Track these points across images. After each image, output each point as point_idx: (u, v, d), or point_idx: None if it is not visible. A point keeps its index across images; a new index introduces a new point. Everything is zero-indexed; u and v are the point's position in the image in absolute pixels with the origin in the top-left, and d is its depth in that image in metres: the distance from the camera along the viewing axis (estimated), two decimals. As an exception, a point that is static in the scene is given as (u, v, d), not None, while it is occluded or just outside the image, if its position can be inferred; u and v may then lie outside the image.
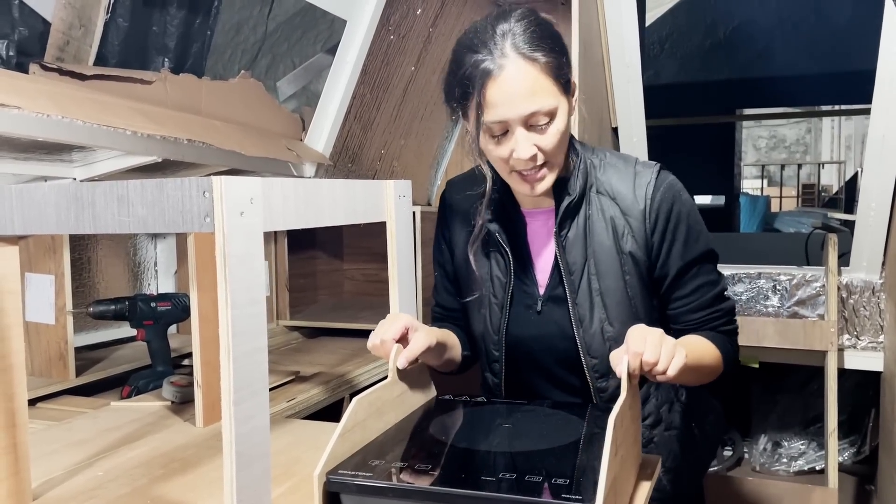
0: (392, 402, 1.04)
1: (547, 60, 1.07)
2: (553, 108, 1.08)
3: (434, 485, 0.82)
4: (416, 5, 2.23)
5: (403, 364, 1.05)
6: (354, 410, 0.93)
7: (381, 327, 1.09)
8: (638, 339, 0.95)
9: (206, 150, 1.59)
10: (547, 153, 1.10)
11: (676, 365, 0.95)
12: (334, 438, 0.88)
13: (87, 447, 1.19)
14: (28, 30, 1.45)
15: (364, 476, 0.84)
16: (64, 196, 0.85)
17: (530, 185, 1.13)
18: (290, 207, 0.89)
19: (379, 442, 0.96)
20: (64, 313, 1.57)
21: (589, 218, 1.19)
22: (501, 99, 1.06)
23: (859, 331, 2.14)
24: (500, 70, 1.05)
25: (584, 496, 0.75)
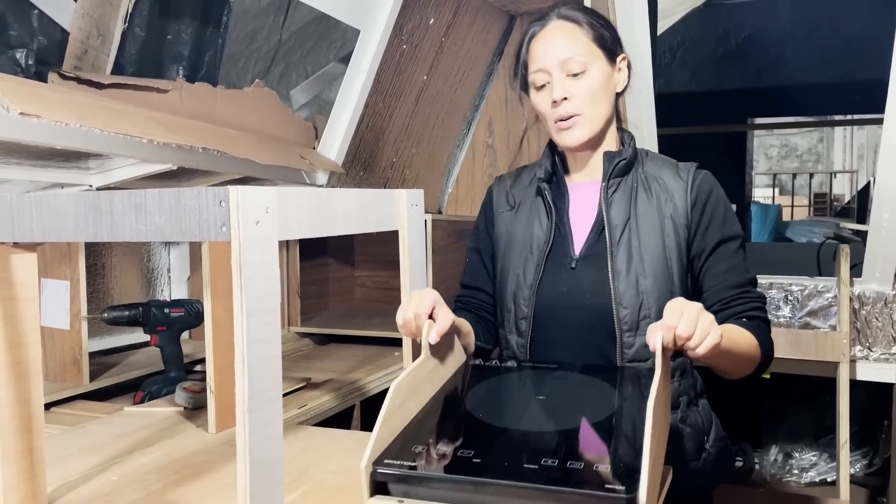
0: (426, 379, 1.03)
1: (588, 22, 1.22)
2: (587, 61, 1.20)
3: (476, 473, 0.82)
4: (429, 15, 2.24)
5: (436, 339, 1.04)
6: (394, 395, 0.92)
7: (412, 303, 1.08)
8: (674, 312, 0.94)
9: (221, 159, 1.61)
10: (578, 100, 1.21)
11: (710, 342, 0.93)
12: (377, 426, 0.88)
13: (102, 452, 1.20)
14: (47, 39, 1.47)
15: (408, 466, 0.85)
16: (83, 204, 0.86)
17: (566, 132, 1.23)
18: (305, 217, 0.90)
19: (417, 422, 0.96)
20: (79, 319, 1.59)
21: (635, 189, 1.26)
22: (541, 50, 1.22)
23: (871, 342, 2.13)
24: (543, 28, 1.24)
25: (628, 486, 0.75)
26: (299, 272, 2.34)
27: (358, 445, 1.20)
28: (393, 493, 0.85)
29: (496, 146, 2.80)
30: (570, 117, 1.22)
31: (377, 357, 2.06)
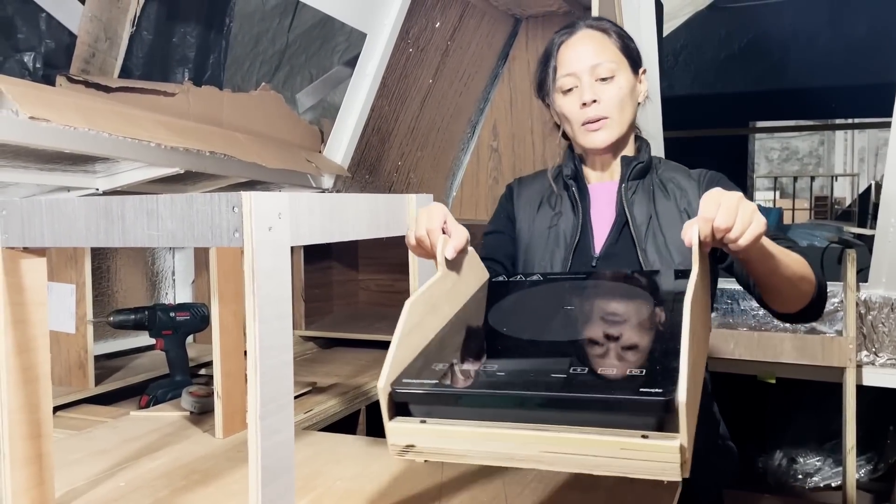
0: (446, 296, 0.97)
1: (616, 32, 1.28)
2: (614, 67, 1.24)
3: (502, 387, 0.76)
4: (435, 19, 2.24)
5: (452, 253, 0.99)
6: (409, 314, 0.86)
7: (422, 219, 1.03)
8: (711, 203, 0.87)
9: (228, 162, 1.60)
10: (607, 105, 1.24)
11: (753, 232, 0.86)
12: (394, 345, 0.82)
13: (109, 457, 1.20)
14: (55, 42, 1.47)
15: (430, 384, 0.78)
16: (94, 209, 0.86)
17: (593, 133, 1.25)
18: (316, 222, 0.89)
19: (438, 340, 0.90)
20: (84, 322, 1.59)
21: (652, 190, 1.29)
22: (571, 55, 1.26)
23: (878, 347, 2.12)
24: (571, 36, 1.28)
25: (665, 388, 0.68)
26: (303, 276, 2.33)
27: (366, 451, 1.20)
28: (415, 413, 0.78)
29: (501, 150, 2.80)
30: (598, 119, 1.25)
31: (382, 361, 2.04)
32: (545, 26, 2.68)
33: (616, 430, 0.69)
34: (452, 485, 1.05)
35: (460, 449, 0.76)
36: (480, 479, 1.06)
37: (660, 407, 0.67)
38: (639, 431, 0.68)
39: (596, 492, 1.00)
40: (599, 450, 0.69)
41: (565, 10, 2.59)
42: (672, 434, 0.67)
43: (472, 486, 1.04)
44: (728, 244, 0.88)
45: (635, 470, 0.69)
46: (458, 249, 0.99)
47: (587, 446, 0.70)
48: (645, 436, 0.68)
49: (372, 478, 1.08)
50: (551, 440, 0.71)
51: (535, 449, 0.72)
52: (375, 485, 1.06)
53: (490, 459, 0.75)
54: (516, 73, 2.74)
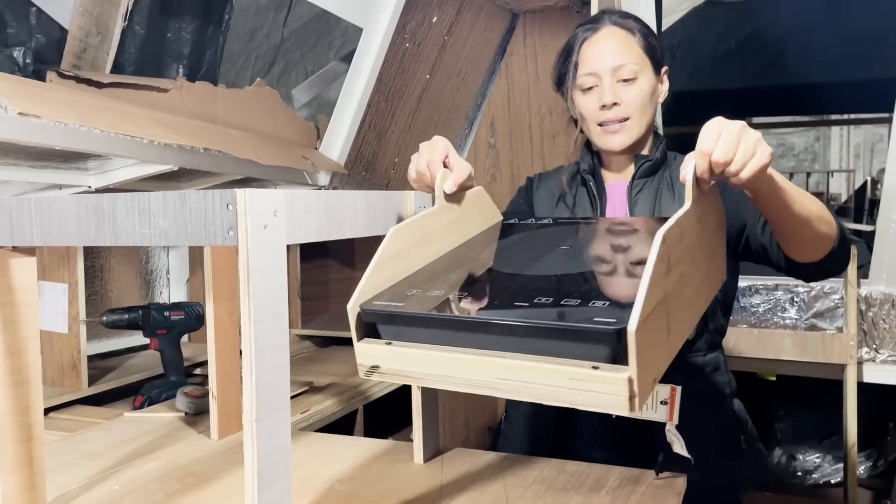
0: (441, 230, 0.96)
1: (640, 30, 1.24)
2: (639, 69, 1.21)
3: (465, 312, 0.76)
4: (432, 13, 2.22)
5: (452, 187, 0.96)
6: (390, 240, 0.87)
7: (423, 152, 1.00)
8: (710, 134, 0.81)
9: (222, 159, 1.58)
10: (628, 106, 1.21)
11: (756, 164, 0.80)
12: (370, 269, 0.84)
13: (102, 460, 1.18)
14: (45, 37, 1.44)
15: (396, 305, 0.79)
16: (84, 207, 0.84)
17: (611, 136, 1.23)
18: (313, 220, 0.87)
19: (425, 271, 0.89)
20: (77, 322, 1.56)
21: (659, 190, 1.25)
22: (594, 54, 1.22)
23: (878, 344, 2.11)
24: (595, 33, 1.24)
25: (618, 318, 0.66)
26: (300, 273, 2.31)
27: (364, 453, 1.18)
28: (382, 335, 0.80)
29: (498, 146, 2.78)
30: (618, 121, 1.22)
31: (379, 360, 2.03)
32: (543, 21, 2.65)
33: (569, 359, 0.69)
34: (452, 486, 1.03)
35: (421, 372, 0.77)
36: (481, 480, 1.04)
37: (610, 336, 0.66)
38: (590, 362, 0.67)
39: (598, 494, 0.99)
40: (550, 378, 0.69)
41: (563, 6, 2.57)
42: (622, 367, 0.66)
43: (473, 487, 1.02)
44: (730, 178, 0.83)
45: (584, 401, 0.68)
46: (457, 183, 0.97)
47: (539, 374, 0.70)
48: (595, 367, 0.67)
49: (370, 479, 1.06)
50: (505, 366, 0.72)
51: (490, 375, 0.73)
52: (374, 487, 1.04)
53: (448, 384, 0.76)
54: (514, 69, 2.72)
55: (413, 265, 0.90)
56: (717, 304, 1.25)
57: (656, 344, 0.70)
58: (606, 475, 1.04)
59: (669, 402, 0.94)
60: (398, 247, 0.88)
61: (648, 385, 0.68)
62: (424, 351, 0.76)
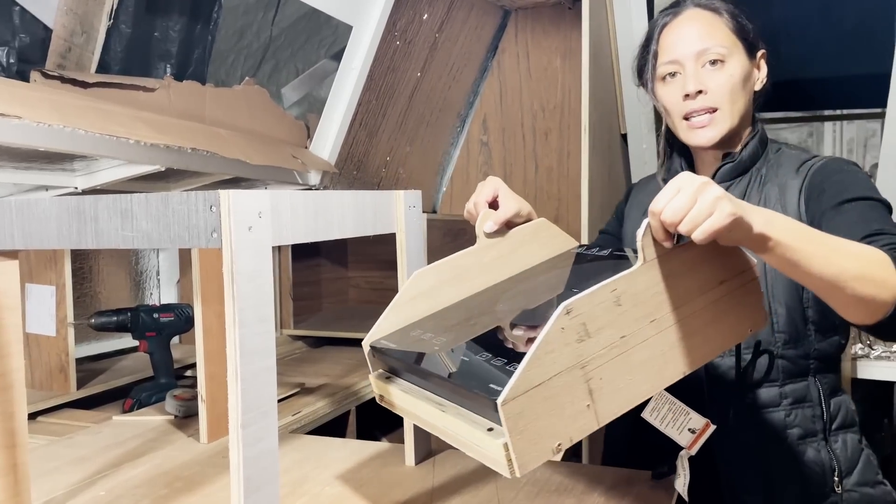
0: (481, 268, 0.99)
1: (728, 11, 1.12)
2: (725, 52, 1.09)
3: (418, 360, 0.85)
4: (423, 11, 2.20)
5: (492, 228, 0.98)
6: (412, 283, 0.94)
7: (478, 192, 1.03)
8: (667, 191, 0.73)
9: (211, 159, 1.56)
10: (715, 94, 1.09)
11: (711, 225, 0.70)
12: (386, 311, 0.93)
13: (89, 465, 1.16)
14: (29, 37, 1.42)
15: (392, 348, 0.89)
16: (66, 210, 0.82)
17: (698, 130, 1.11)
18: (300, 221, 0.86)
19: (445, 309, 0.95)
20: (65, 325, 1.55)
21: (747, 194, 1.12)
22: (675, 39, 1.12)
23: (872, 340, 2.11)
24: (676, 17, 1.14)
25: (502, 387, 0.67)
26: (291, 273, 2.29)
27: (355, 455, 1.16)
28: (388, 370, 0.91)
29: (491, 143, 2.76)
30: (705, 112, 1.10)
31: (372, 360, 2.01)
32: (535, 18, 2.64)
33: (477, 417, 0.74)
34: (444, 489, 1.02)
35: (401, 406, 0.87)
36: (472, 483, 1.03)
37: (490, 406, 0.68)
38: (489, 423, 0.72)
39: (591, 495, 0.98)
40: (460, 433, 0.75)
41: (554, 2, 2.56)
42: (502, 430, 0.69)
43: (464, 490, 1.01)
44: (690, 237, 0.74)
45: (482, 457, 0.73)
46: (498, 223, 0.99)
47: (453, 428, 0.76)
48: (490, 429, 0.71)
49: (361, 483, 1.05)
50: (430, 416, 0.80)
51: (425, 421, 0.82)
52: (365, 490, 1.03)
53: (413, 419, 0.87)
54: (506, 67, 2.71)
55: (441, 303, 0.95)
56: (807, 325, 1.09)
57: (555, 411, 0.69)
58: (600, 476, 1.03)
59: (698, 433, 0.91)
60: (421, 288, 0.94)
61: (544, 450, 0.69)
62: (400, 391, 0.86)
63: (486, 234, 1.00)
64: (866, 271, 0.82)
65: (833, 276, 0.80)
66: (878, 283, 0.82)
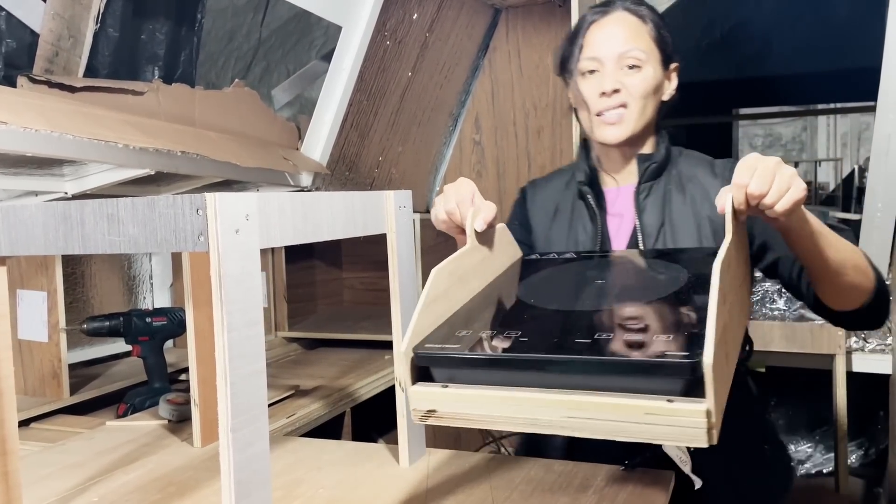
0: (475, 269, 0.96)
1: (651, 19, 1.18)
2: (643, 58, 1.16)
3: (524, 351, 0.75)
4: (413, 10, 2.20)
5: (482, 225, 0.97)
6: (434, 282, 0.86)
7: (450, 193, 1.01)
8: (746, 169, 0.83)
9: (201, 162, 1.56)
10: (630, 92, 1.15)
11: (791, 197, 0.81)
12: (417, 311, 0.82)
13: (82, 471, 1.16)
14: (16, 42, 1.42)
15: (452, 348, 0.78)
16: (52, 216, 0.82)
17: (608, 127, 1.17)
18: (288, 223, 0.86)
19: (465, 311, 0.90)
20: (57, 330, 1.54)
21: (668, 192, 1.20)
22: (600, 37, 1.17)
23: (866, 333, 2.11)
24: (605, 16, 1.19)
25: (691, 351, 0.67)
26: (285, 275, 2.29)
27: (349, 457, 1.16)
28: (437, 378, 0.78)
29: (483, 142, 2.76)
30: (616, 108, 1.16)
31: (367, 361, 2.01)
32: (526, 17, 2.64)
33: (641, 395, 0.68)
34: (438, 489, 1.01)
35: (482, 414, 0.75)
36: (467, 482, 1.03)
37: (686, 369, 0.65)
38: (664, 396, 0.67)
39: (586, 493, 0.97)
40: (624, 414, 0.68)
41: (545, 0, 2.55)
42: (698, 398, 0.65)
43: (459, 490, 1.01)
44: (765, 211, 0.84)
45: (660, 435, 0.68)
46: (487, 221, 0.97)
47: (611, 411, 0.69)
48: (670, 400, 0.66)
49: (355, 485, 1.05)
50: (575, 404, 0.70)
51: (558, 414, 0.71)
52: (359, 491, 1.02)
53: (512, 424, 0.74)
54: (497, 65, 2.70)
55: (454, 305, 0.90)
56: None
57: (722, 374, 0.71)
58: (594, 474, 1.03)
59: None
60: (440, 288, 0.87)
61: (720, 415, 0.68)
62: (487, 392, 0.75)
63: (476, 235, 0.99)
64: (859, 262, 0.97)
65: (840, 262, 0.95)
66: (866, 273, 0.98)
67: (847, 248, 0.97)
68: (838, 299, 1.03)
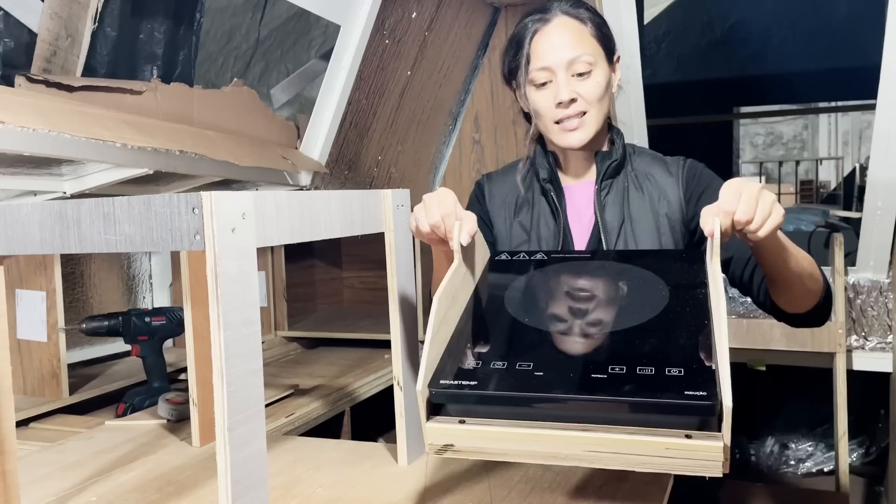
0: (462, 284, 0.97)
1: (591, 19, 1.19)
2: (593, 61, 1.17)
3: (542, 389, 0.77)
4: (411, 9, 2.19)
5: (468, 240, 0.96)
6: (438, 308, 0.85)
7: (432, 206, 0.99)
8: (732, 194, 0.86)
9: (199, 161, 1.55)
10: (586, 100, 1.17)
11: (772, 223, 0.87)
12: (427, 345, 0.82)
13: (80, 471, 1.16)
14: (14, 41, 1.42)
15: (469, 386, 0.78)
16: (48, 215, 0.82)
17: (569, 133, 1.18)
18: (285, 222, 0.86)
19: (459, 332, 0.89)
20: (56, 330, 1.54)
21: (626, 189, 1.23)
22: (546, 47, 1.17)
23: (867, 331, 2.11)
24: (546, 24, 1.18)
25: (708, 391, 0.70)
26: (285, 274, 2.29)
27: (348, 456, 1.16)
28: (452, 413, 0.80)
29: (483, 141, 2.76)
30: (577, 116, 1.18)
31: (367, 360, 2.01)
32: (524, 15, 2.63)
33: (659, 429, 0.72)
34: (436, 488, 1.01)
35: (500, 448, 0.77)
36: (465, 482, 1.03)
37: (705, 410, 0.69)
38: (682, 431, 0.71)
39: (584, 492, 0.97)
40: (644, 449, 0.72)
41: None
42: (715, 434, 0.70)
43: (457, 489, 1.01)
44: (747, 234, 0.89)
45: (678, 467, 0.71)
46: (471, 234, 0.97)
47: (632, 446, 0.72)
48: (689, 436, 0.70)
49: (353, 484, 1.05)
50: (596, 441, 0.73)
51: (579, 448, 0.74)
52: (357, 491, 1.02)
53: (531, 458, 0.77)
54: (497, 64, 2.68)
55: (451, 327, 0.90)
56: None
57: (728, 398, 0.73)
58: (592, 473, 1.03)
59: None
60: (442, 314, 0.87)
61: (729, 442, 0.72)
62: (504, 428, 0.76)
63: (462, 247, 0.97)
64: (814, 270, 1.07)
65: (799, 272, 1.04)
66: (818, 279, 1.08)
67: (805, 259, 1.05)
68: (793, 303, 1.12)
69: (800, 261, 1.04)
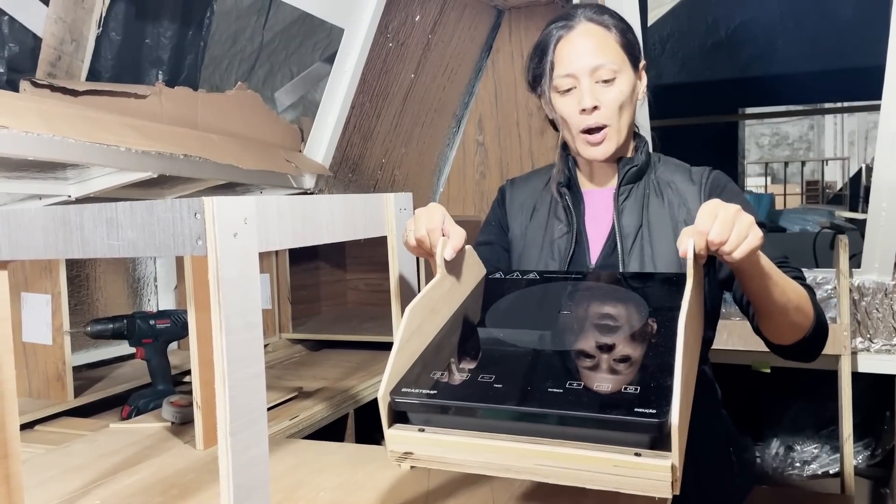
0: (444, 298, 0.97)
1: (616, 25, 1.18)
2: (617, 68, 1.16)
3: (499, 400, 0.77)
4: (415, 12, 2.20)
5: (451, 254, 0.97)
6: (409, 320, 0.86)
7: (421, 219, 1.00)
8: (707, 215, 0.86)
9: (203, 165, 1.56)
10: (608, 110, 1.16)
11: (748, 245, 0.86)
12: (393, 354, 0.83)
13: (85, 474, 1.16)
14: (18, 46, 1.42)
15: (427, 394, 0.80)
16: (52, 219, 0.82)
17: (593, 147, 1.18)
18: (287, 226, 0.86)
19: (436, 344, 0.91)
20: (61, 333, 1.55)
21: (647, 196, 1.23)
22: (570, 54, 1.17)
23: (872, 333, 2.10)
24: (570, 31, 1.18)
25: (659, 409, 0.70)
26: (289, 277, 2.29)
27: (351, 460, 1.16)
28: (413, 421, 0.81)
29: (487, 144, 2.76)
30: (599, 129, 1.17)
31: (371, 362, 2.01)
32: (529, 17, 2.64)
33: (610, 446, 0.71)
34: (439, 493, 1.01)
35: (457, 458, 0.78)
36: (468, 486, 1.03)
37: (653, 428, 0.69)
38: (632, 449, 0.70)
39: (586, 498, 0.97)
40: (593, 465, 0.72)
41: (547, 1, 2.55)
42: (664, 453, 0.69)
43: (460, 493, 1.01)
44: (722, 256, 0.88)
45: (627, 486, 0.71)
46: (456, 250, 0.98)
47: (581, 461, 0.72)
48: (638, 454, 0.70)
49: (356, 487, 1.05)
50: (547, 454, 0.74)
51: (530, 462, 0.75)
52: (359, 495, 1.02)
53: (486, 469, 0.77)
54: (500, 66, 2.70)
55: (426, 339, 0.91)
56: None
57: (686, 421, 0.74)
58: (595, 476, 1.03)
59: None
60: (415, 325, 0.88)
61: (682, 463, 0.71)
62: (461, 439, 0.78)
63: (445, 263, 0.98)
64: (802, 303, 1.04)
65: (784, 303, 1.01)
66: (806, 314, 1.05)
67: (793, 291, 1.03)
68: (777, 333, 1.10)
69: (786, 291, 1.01)
